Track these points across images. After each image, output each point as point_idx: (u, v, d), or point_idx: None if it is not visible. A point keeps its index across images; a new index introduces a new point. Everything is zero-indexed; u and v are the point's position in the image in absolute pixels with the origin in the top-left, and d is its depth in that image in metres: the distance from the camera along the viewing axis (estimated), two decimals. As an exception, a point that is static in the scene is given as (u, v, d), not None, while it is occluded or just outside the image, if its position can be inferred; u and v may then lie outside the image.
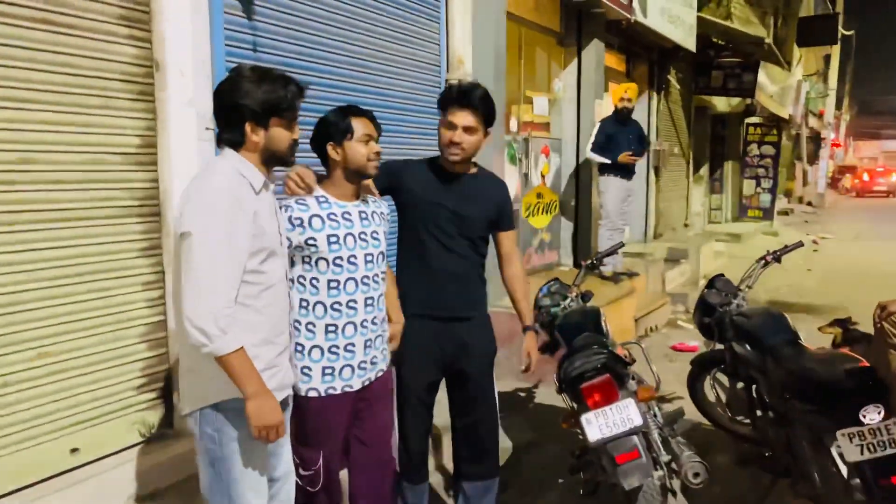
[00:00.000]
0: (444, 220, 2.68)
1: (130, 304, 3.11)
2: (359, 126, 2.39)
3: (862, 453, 2.57)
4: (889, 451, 2.54)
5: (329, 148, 2.40)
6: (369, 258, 2.45)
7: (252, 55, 3.56)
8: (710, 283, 4.03)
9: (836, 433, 2.61)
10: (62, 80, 2.82)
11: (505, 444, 4.16)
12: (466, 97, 2.61)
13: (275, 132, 2.11)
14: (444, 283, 2.71)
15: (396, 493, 2.84)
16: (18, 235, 2.71)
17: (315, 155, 2.51)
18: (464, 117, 2.60)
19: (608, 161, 6.46)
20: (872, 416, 2.55)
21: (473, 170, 2.79)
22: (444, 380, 2.87)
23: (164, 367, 3.26)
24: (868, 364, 2.71)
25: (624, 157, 6.39)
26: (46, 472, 2.82)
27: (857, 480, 2.64)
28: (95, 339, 2.98)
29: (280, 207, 2.33)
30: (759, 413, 3.54)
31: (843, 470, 2.71)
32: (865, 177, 37.70)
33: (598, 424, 2.78)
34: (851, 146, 53.34)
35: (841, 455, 2.66)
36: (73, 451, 2.91)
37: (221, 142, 2.15)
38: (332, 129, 2.39)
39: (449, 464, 3.13)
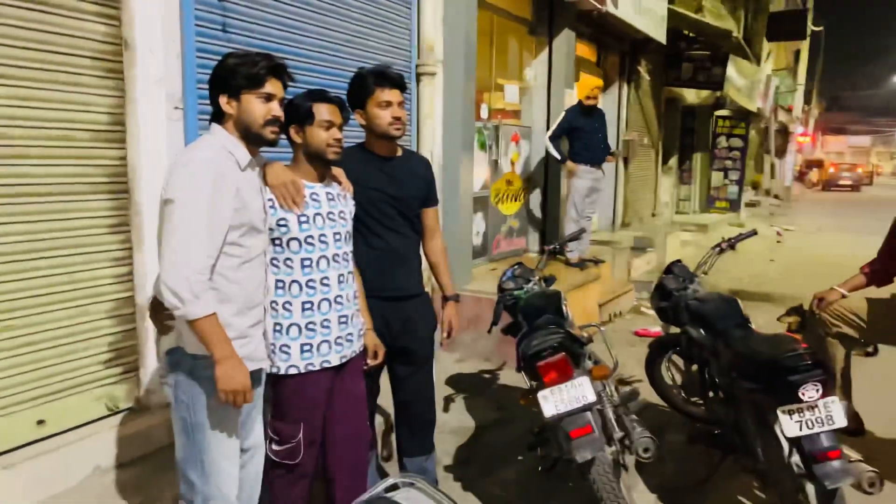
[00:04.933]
0: (383, 204, 2.80)
1: (98, 279, 3.15)
2: (321, 111, 2.45)
3: (800, 429, 2.69)
4: (825, 428, 2.68)
5: (291, 131, 2.48)
6: (338, 237, 2.53)
7: (222, 35, 3.59)
8: (668, 269, 4.16)
9: (777, 410, 2.75)
10: (31, 55, 2.84)
11: (467, 423, 4.28)
12: (392, 76, 2.77)
13: (246, 104, 2.19)
14: (391, 264, 2.86)
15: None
16: (-14, 209, 2.74)
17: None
18: (396, 95, 2.77)
19: (559, 157, 6.58)
20: (811, 393, 2.67)
21: (399, 151, 2.91)
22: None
23: (132, 342, 3.30)
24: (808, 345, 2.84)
25: (570, 165, 6.58)
26: (13, 442, 2.87)
27: (796, 456, 2.78)
28: (63, 313, 3.02)
29: None
30: (710, 394, 3.68)
31: (785, 446, 2.84)
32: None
33: (554, 401, 2.88)
34: (819, 140, 54.34)
35: (782, 431, 2.79)
36: (40, 422, 2.96)
37: (212, 119, 2.26)
38: (294, 113, 2.45)
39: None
